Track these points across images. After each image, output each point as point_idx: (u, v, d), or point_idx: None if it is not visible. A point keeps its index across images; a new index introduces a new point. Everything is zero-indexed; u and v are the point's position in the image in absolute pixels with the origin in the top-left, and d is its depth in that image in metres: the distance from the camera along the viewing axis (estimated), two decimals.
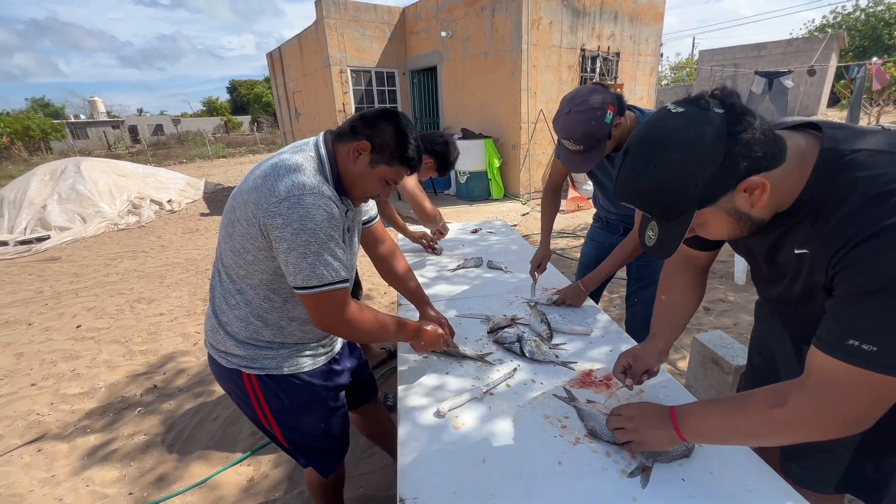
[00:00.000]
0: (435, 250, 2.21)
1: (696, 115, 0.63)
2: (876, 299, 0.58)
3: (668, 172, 0.63)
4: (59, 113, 44.98)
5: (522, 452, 0.91)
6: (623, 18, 7.23)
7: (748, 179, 0.62)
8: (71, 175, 7.06)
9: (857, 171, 0.62)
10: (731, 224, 0.69)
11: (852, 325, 0.60)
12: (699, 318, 2.95)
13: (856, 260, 0.60)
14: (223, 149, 20.94)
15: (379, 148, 0.99)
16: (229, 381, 1.10)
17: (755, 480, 0.81)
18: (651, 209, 0.69)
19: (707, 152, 0.61)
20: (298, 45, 8.90)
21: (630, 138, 0.69)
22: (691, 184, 0.63)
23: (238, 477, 1.84)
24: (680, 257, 1.05)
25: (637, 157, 0.67)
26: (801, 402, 0.64)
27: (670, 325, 1.04)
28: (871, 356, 0.58)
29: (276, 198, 0.89)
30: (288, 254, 0.90)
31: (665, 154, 0.63)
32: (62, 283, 4.43)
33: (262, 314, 1.03)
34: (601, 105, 1.28)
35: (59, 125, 29.65)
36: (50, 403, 2.44)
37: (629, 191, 0.69)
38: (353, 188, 1.03)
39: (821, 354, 0.63)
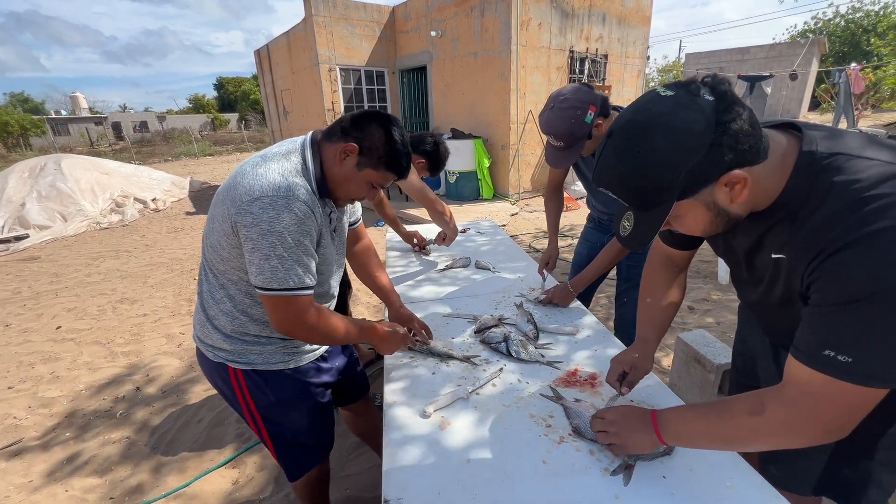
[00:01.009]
0: (424, 250, 2.21)
1: (686, 99, 0.60)
2: (851, 310, 0.57)
3: (651, 158, 0.61)
4: (40, 108, 43.79)
5: (507, 452, 0.92)
6: (611, 21, 7.30)
7: (731, 173, 0.60)
8: (51, 172, 6.88)
9: (835, 175, 0.61)
10: (708, 218, 0.68)
11: (828, 335, 0.60)
12: (683, 318, 2.99)
13: (831, 269, 0.60)
14: (210, 146, 20.62)
15: (367, 151, 0.97)
16: (216, 375, 1.11)
17: (734, 477, 0.83)
18: (629, 196, 0.66)
19: (693, 140, 0.58)
20: (287, 43, 8.81)
21: (615, 121, 0.66)
22: (674, 172, 0.60)
23: (223, 480, 1.82)
24: (660, 258, 1.06)
25: (620, 140, 0.64)
26: (779, 411, 0.65)
27: (659, 327, 1.05)
28: (847, 367, 0.58)
29: (249, 196, 0.89)
30: (252, 253, 0.90)
31: (649, 138, 0.61)
32: (41, 284, 4.32)
33: (245, 309, 1.04)
34: (581, 104, 1.32)
35: (39, 121, 28.90)
36: (28, 407, 2.38)
37: (609, 176, 0.66)
38: (338, 190, 1.02)
39: (797, 364, 0.64)
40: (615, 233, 0.74)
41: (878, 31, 15.65)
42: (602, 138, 0.68)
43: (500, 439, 0.96)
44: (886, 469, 0.82)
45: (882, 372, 0.58)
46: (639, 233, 0.69)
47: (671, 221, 0.70)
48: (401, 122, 1.02)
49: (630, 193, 0.66)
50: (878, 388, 0.58)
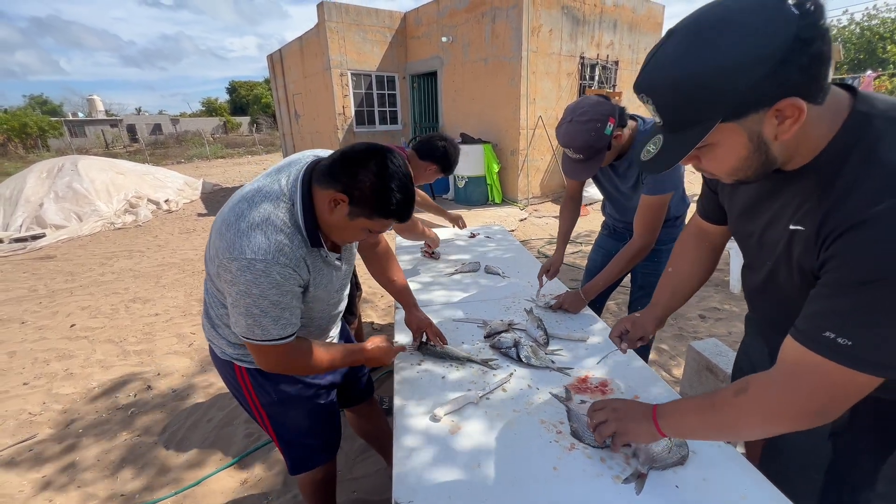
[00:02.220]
0: (433, 255, 2.22)
1: (773, 2, 0.51)
2: (861, 292, 0.54)
3: (715, 60, 0.51)
4: (58, 111, 44.80)
5: (518, 458, 0.92)
6: (622, 27, 7.30)
7: (790, 99, 0.52)
8: (68, 173, 7.03)
9: (882, 144, 0.55)
10: (746, 152, 0.59)
11: (831, 316, 0.57)
12: (695, 326, 2.96)
13: (848, 246, 0.56)
14: (221, 149, 20.92)
15: (357, 200, 0.88)
16: (224, 370, 1.14)
17: (748, 488, 0.82)
18: (670, 107, 0.58)
19: (769, 48, 0.50)
20: (299, 48, 8.93)
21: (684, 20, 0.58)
22: (735, 81, 0.52)
23: (231, 479, 1.83)
24: (694, 230, 1.05)
25: (684, 37, 0.55)
26: (763, 388, 0.64)
27: (673, 294, 1.05)
28: (845, 350, 0.55)
29: (230, 255, 0.86)
30: (232, 307, 0.92)
31: (718, 35, 0.52)
32: (57, 282, 4.40)
33: None
34: (602, 117, 1.31)
35: (57, 123, 29.54)
36: (42, 403, 2.42)
37: (657, 77, 0.57)
38: (332, 236, 0.99)
39: (794, 344, 0.61)
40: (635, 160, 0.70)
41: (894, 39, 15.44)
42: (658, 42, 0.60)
43: (511, 444, 0.95)
44: (885, 501, 0.79)
45: (879, 359, 0.55)
46: (665, 155, 0.61)
47: (701, 151, 0.62)
48: (399, 157, 0.91)
49: (674, 103, 0.57)
50: (870, 374, 0.56)
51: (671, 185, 1.41)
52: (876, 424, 0.75)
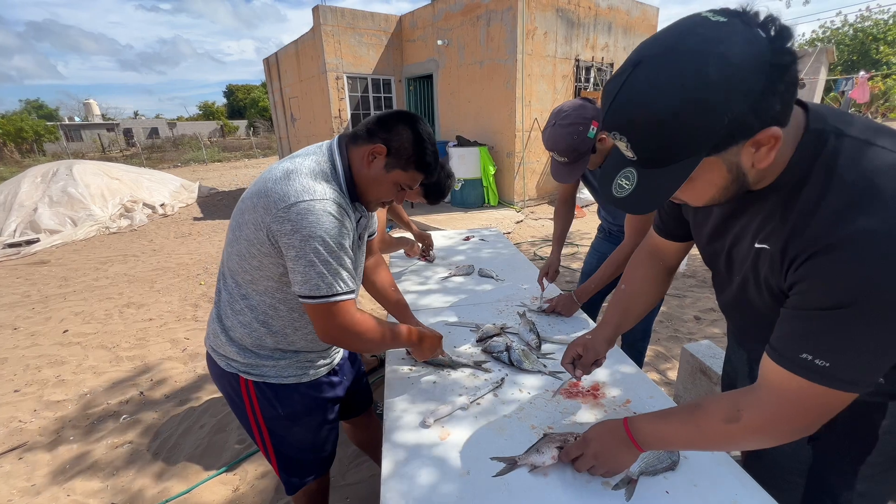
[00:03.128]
0: (427, 258, 2.21)
1: (743, 30, 0.49)
2: (834, 316, 0.55)
3: (700, 95, 0.48)
4: (53, 115, 44.69)
5: None
6: (617, 30, 7.34)
7: (770, 129, 0.51)
8: (63, 177, 7.00)
9: (840, 161, 0.56)
10: (724, 183, 0.58)
11: (806, 338, 0.58)
12: (689, 328, 2.96)
13: (819, 270, 0.56)
14: (218, 153, 20.89)
15: (395, 152, 0.95)
16: (226, 383, 1.10)
17: (739, 493, 0.81)
18: (649, 145, 0.54)
19: (749, 81, 0.48)
20: (295, 52, 8.94)
21: (642, 46, 0.54)
22: (720, 118, 0.49)
23: (224, 487, 1.81)
24: (649, 249, 1.01)
25: (658, 69, 0.50)
26: (755, 416, 0.64)
27: (625, 313, 1.01)
28: (824, 371, 0.57)
29: (285, 203, 0.86)
30: (296, 261, 0.88)
31: (700, 70, 0.48)
32: (50, 287, 4.37)
33: (266, 320, 1.02)
34: (584, 120, 1.32)
35: (53, 127, 29.49)
36: (33, 410, 2.39)
37: (632, 114, 0.52)
38: (367, 193, 1.00)
39: (773, 365, 0.62)
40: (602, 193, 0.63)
41: (887, 40, 15.58)
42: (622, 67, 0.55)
43: (502, 450, 0.94)
44: (865, 500, 0.80)
45: (857, 377, 0.56)
46: (648, 194, 0.57)
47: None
48: (426, 122, 1.00)
49: (653, 141, 0.53)
50: (851, 392, 0.57)
51: None
52: (853, 426, 0.76)
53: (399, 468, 0.91)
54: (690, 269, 3.94)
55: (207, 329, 1.12)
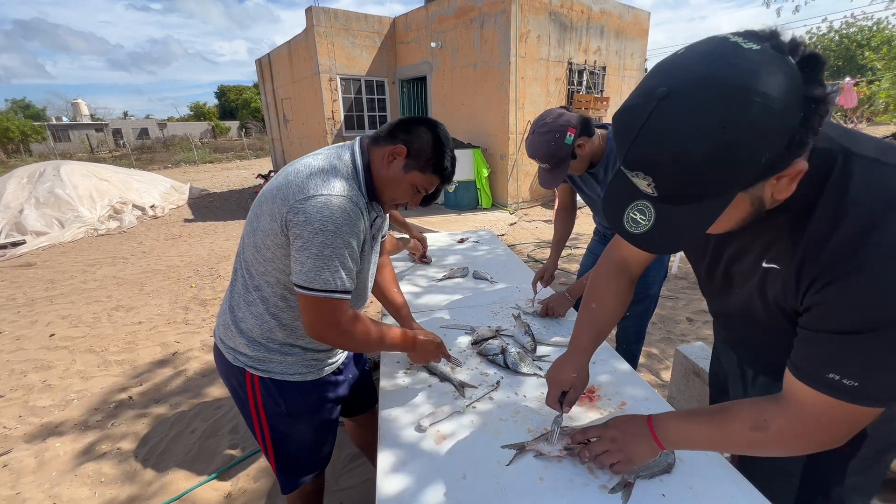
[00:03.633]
0: (424, 260, 2.21)
1: (778, 60, 0.45)
2: (861, 339, 0.55)
3: (739, 138, 0.44)
4: (41, 115, 43.97)
5: (504, 468, 0.90)
6: (609, 34, 7.40)
7: (798, 162, 0.48)
8: (50, 178, 6.88)
9: (851, 183, 0.54)
10: (744, 215, 0.56)
11: (833, 359, 0.58)
12: (682, 330, 2.98)
13: (842, 295, 0.55)
14: (210, 154, 20.71)
15: (415, 153, 0.98)
16: (232, 377, 1.10)
17: (735, 496, 0.82)
18: (677, 185, 0.49)
19: (788, 118, 0.45)
20: (288, 53, 8.89)
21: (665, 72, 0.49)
22: (759, 157, 0.46)
23: (215, 492, 1.79)
24: (616, 262, 0.97)
25: (690, 104, 0.46)
26: (783, 428, 0.65)
27: (598, 334, 0.96)
28: (853, 390, 0.57)
29: (303, 195, 0.89)
30: (300, 251, 0.89)
31: (740, 108, 0.44)
32: (36, 290, 4.29)
33: (277, 313, 1.03)
34: (560, 128, 1.37)
35: (40, 127, 29.03)
36: (18, 416, 2.34)
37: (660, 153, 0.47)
38: (384, 193, 1.02)
39: (800, 384, 0.62)
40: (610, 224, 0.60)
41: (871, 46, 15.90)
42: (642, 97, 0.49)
43: (497, 454, 0.94)
44: (856, 493, 0.82)
45: (885, 394, 0.57)
46: (672, 232, 0.53)
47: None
48: (446, 128, 1.03)
49: (682, 182, 0.48)
50: (878, 407, 0.58)
51: None
52: None
53: (394, 472, 0.90)
54: (682, 271, 3.97)
55: (217, 321, 1.13)
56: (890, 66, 9.03)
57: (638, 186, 0.53)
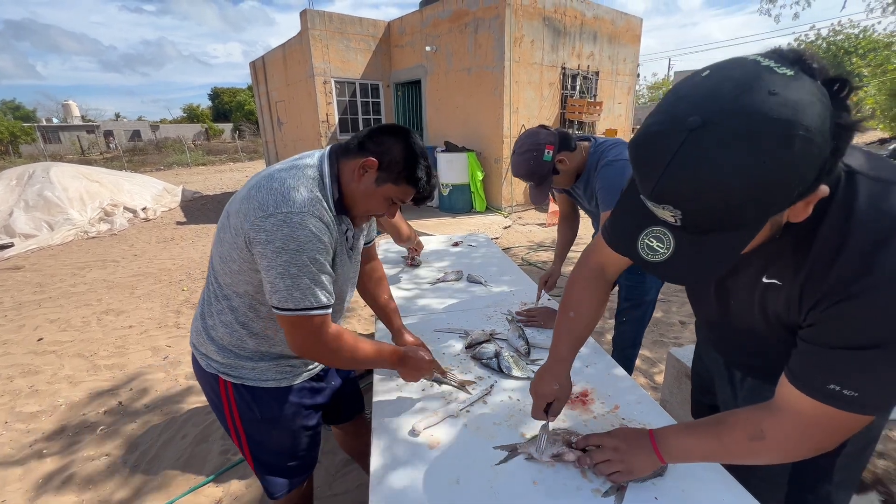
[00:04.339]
0: (414, 263, 2.20)
1: (813, 87, 0.44)
2: (865, 354, 0.56)
3: (780, 175, 0.43)
4: (31, 116, 43.44)
5: (498, 472, 0.90)
6: (602, 39, 7.48)
7: (821, 190, 0.48)
8: (39, 180, 6.79)
9: (857, 202, 0.54)
10: (762, 240, 0.56)
11: (835, 371, 0.59)
12: (675, 333, 3.00)
13: (846, 313, 0.55)
14: (203, 156, 20.56)
15: (386, 166, 0.94)
16: (206, 383, 1.09)
17: (726, 498, 0.82)
18: (707, 216, 0.47)
19: (824, 150, 0.44)
20: (282, 55, 8.88)
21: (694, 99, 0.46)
22: (793, 189, 0.45)
23: (206, 499, 1.76)
24: (592, 268, 0.94)
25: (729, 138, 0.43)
26: (780, 437, 0.66)
27: (577, 343, 0.95)
28: (853, 400, 0.58)
29: (263, 212, 0.85)
30: (268, 271, 0.87)
31: (784, 144, 0.42)
32: (24, 294, 4.22)
33: (246, 322, 1.01)
34: (536, 146, 1.44)
35: (30, 128, 28.65)
36: (4, 422, 2.30)
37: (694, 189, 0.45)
38: (356, 206, 0.99)
39: (797, 393, 0.62)
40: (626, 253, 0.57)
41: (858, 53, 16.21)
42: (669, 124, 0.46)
43: (491, 458, 0.94)
44: (841, 489, 0.84)
45: (885, 403, 0.60)
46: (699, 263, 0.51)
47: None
48: (419, 136, 0.99)
49: (714, 216, 0.47)
50: (874, 414, 0.60)
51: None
52: None
53: (387, 477, 0.90)
54: None
55: (191, 328, 1.11)
56: (876, 73, 9.21)
57: (657, 215, 0.51)
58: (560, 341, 0.95)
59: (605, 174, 1.45)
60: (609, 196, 1.44)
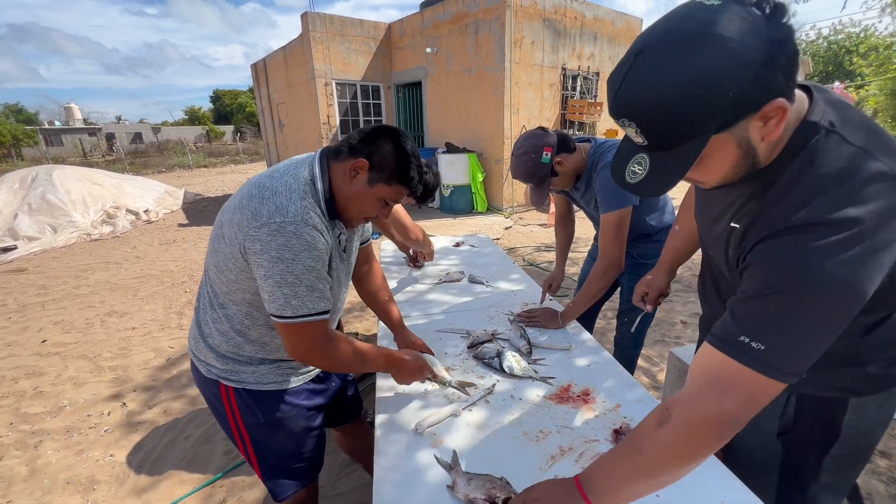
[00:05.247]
0: (417, 264, 2.21)
1: (738, 10, 0.51)
2: (773, 299, 0.57)
3: (703, 74, 0.50)
4: (33, 119, 43.63)
5: (500, 470, 0.91)
6: (602, 40, 7.49)
7: (775, 101, 0.53)
8: (42, 183, 6.82)
9: (818, 155, 0.59)
10: (736, 158, 0.59)
11: (746, 321, 0.59)
12: (677, 332, 3.00)
13: (763, 254, 0.60)
14: (204, 158, 20.60)
15: (377, 166, 0.93)
16: (207, 389, 1.09)
17: (726, 494, 0.83)
18: (658, 127, 0.55)
19: (749, 54, 0.50)
20: (283, 57, 8.91)
21: (642, 35, 0.56)
22: (724, 93, 0.51)
23: (210, 499, 1.77)
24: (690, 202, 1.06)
25: (658, 54, 0.53)
26: (683, 410, 0.61)
27: (678, 250, 1.15)
28: (758, 355, 0.57)
29: (257, 222, 0.86)
30: (264, 280, 0.88)
31: (700, 49, 0.50)
32: (28, 296, 4.24)
33: (243, 330, 1.02)
34: (535, 148, 1.44)
35: (32, 131, 28.79)
36: (9, 423, 2.31)
37: (638, 99, 0.54)
38: (350, 209, 0.98)
39: (709, 350, 0.61)
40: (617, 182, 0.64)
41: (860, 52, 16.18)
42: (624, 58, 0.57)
43: (493, 456, 0.95)
44: (829, 492, 0.84)
45: (787, 366, 0.57)
46: (661, 177, 0.58)
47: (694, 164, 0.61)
48: (410, 136, 0.98)
49: (661, 124, 0.55)
50: (778, 380, 0.58)
51: (626, 200, 1.44)
52: (818, 420, 0.81)
53: (391, 475, 0.91)
54: (678, 274, 3.99)
55: (189, 335, 1.12)
56: (878, 72, 9.19)
57: (633, 140, 0.60)
58: (665, 250, 1.21)
59: (604, 176, 1.45)
60: (608, 198, 1.44)
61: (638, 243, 1.65)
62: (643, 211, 1.58)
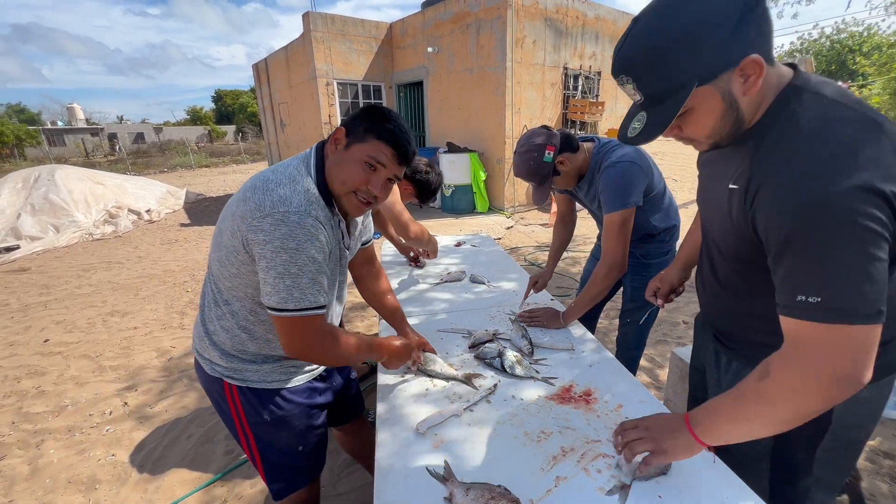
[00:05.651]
0: (418, 264, 2.21)
1: None
2: (794, 247, 0.60)
3: (683, 30, 0.60)
4: (36, 119, 43.79)
5: (501, 470, 0.90)
6: (604, 39, 7.47)
7: (752, 56, 0.60)
8: (44, 183, 6.84)
9: (802, 111, 0.64)
10: (720, 112, 0.67)
11: (793, 280, 0.61)
12: (679, 332, 3.00)
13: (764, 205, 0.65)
14: (206, 158, 20.64)
15: (351, 129, 0.96)
16: (211, 388, 1.10)
17: (729, 496, 0.82)
18: (648, 78, 0.65)
19: (724, 14, 0.59)
20: (285, 57, 8.92)
21: (643, 10, 0.67)
22: (702, 46, 0.60)
23: (211, 499, 1.77)
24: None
25: (649, 16, 0.64)
26: (782, 369, 0.64)
27: (693, 247, 1.14)
28: (819, 307, 0.58)
29: (260, 213, 0.86)
30: (266, 272, 0.88)
31: (680, 10, 0.61)
32: (30, 295, 4.25)
33: (247, 326, 1.02)
34: (537, 147, 1.43)
35: (35, 131, 28.90)
36: (11, 423, 2.32)
37: (630, 54, 0.65)
38: (335, 181, 0.95)
39: (785, 319, 0.64)
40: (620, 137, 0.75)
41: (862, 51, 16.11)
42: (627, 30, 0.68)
43: (495, 457, 0.94)
44: (822, 486, 0.85)
45: (854, 305, 0.56)
46: (650, 125, 0.67)
47: (682, 119, 0.68)
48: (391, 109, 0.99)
49: (651, 76, 0.64)
50: (860, 324, 0.57)
51: (630, 201, 1.43)
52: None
53: (392, 476, 0.90)
54: None
55: (193, 333, 1.12)
56: (881, 72, 9.15)
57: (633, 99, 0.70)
58: (680, 249, 1.23)
59: (608, 175, 1.44)
60: (612, 197, 1.43)
61: (641, 244, 1.65)
62: (647, 211, 1.57)
